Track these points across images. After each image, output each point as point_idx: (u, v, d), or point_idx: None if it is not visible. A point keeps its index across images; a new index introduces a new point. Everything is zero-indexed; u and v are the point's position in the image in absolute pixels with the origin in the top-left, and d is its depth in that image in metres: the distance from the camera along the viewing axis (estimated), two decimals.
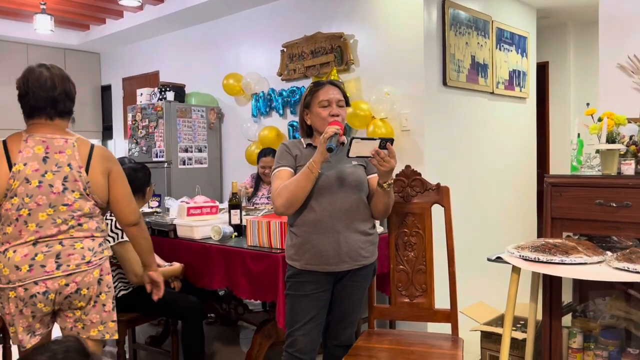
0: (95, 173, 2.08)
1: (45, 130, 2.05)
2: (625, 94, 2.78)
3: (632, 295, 2.34)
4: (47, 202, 2.00)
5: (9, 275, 1.96)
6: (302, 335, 2.18)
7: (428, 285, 2.43)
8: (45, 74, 2.05)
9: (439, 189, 2.45)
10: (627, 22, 2.79)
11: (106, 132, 7.01)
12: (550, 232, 2.37)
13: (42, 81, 2.03)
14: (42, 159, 2.01)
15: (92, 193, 2.08)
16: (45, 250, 1.99)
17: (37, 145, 2.02)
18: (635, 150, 2.42)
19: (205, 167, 5.22)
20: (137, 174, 3.07)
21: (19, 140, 2.03)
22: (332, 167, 2.20)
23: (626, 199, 2.18)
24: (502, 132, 4.43)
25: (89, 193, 2.07)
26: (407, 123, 3.76)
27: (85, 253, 2.05)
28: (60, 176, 2.02)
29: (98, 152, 2.12)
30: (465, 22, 3.97)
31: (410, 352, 2.23)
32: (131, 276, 2.85)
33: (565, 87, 5.65)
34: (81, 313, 2.08)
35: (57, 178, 2.02)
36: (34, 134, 2.04)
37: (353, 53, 4.10)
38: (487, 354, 2.97)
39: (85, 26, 6.20)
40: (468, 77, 4.00)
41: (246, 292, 2.76)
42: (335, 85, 2.29)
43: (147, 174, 3.12)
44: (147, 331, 3.91)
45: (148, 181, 3.11)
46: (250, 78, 4.71)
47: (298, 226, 2.20)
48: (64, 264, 2.00)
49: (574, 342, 2.45)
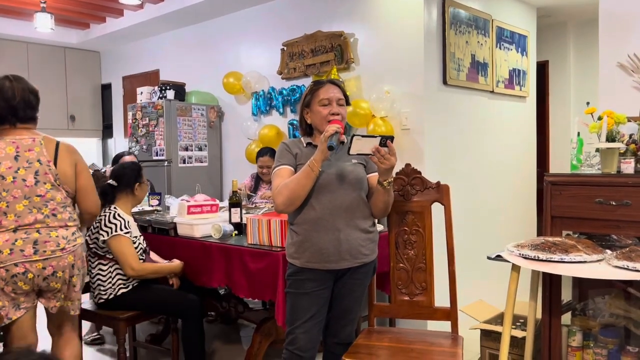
0: (63, 165, 2.35)
1: (13, 133, 2.32)
2: (625, 93, 2.78)
3: (631, 294, 2.35)
4: (22, 194, 2.27)
5: None
6: (302, 333, 2.19)
7: (428, 283, 2.44)
8: (7, 85, 2.31)
9: (439, 188, 2.46)
10: (627, 21, 2.79)
11: (106, 131, 7.01)
12: (550, 231, 2.37)
13: (4, 92, 2.30)
14: (13, 157, 2.28)
15: (62, 183, 2.36)
16: (24, 237, 2.25)
17: (8, 146, 2.29)
18: (635, 149, 2.42)
19: (205, 166, 5.22)
20: (124, 170, 3.07)
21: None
22: (332, 165, 2.20)
23: (626, 197, 2.18)
24: (502, 131, 4.43)
25: (59, 184, 2.35)
26: (407, 122, 3.76)
27: (60, 241, 2.32)
28: (31, 171, 2.29)
29: (63, 147, 2.40)
30: (466, 21, 3.97)
31: (410, 350, 2.23)
32: (127, 269, 2.86)
33: (565, 86, 5.65)
34: (60, 293, 2.36)
35: (29, 173, 2.29)
36: (4, 137, 2.31)
37: (353, 52, 4.10)
38: (486, 352, 2.97)
39: (85, 25, 6.20)
40: (468, 75, 4.00)
41: (245, 291, 2.77)
42: (336, 84, 2.30)
43: (134, 170, 3.08)
44: (148, 329, 3.91)
45: (136, 177, 3.05)
46: (250, 77, 4.71)
47: (298, 224, 2.21)
48: (40, 250, 2.26)
49: (574, 340, 2.45)
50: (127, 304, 2.92)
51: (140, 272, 2.90)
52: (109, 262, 2.92)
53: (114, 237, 2.86)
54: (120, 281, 2.93)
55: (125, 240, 2.88)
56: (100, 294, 2.93)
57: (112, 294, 2.91)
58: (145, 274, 2.92)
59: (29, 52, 6.31)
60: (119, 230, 2.87)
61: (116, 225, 2.87)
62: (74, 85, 6.76)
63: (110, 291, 2.91)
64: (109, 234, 2.86)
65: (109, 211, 2.94)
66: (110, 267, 2.92)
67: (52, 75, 6.54)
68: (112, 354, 3.61)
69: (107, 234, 2.86)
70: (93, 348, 3.74)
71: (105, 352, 3.67)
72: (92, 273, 2.96)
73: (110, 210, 2.95)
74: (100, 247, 2.92)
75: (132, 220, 3.03)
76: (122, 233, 2.87)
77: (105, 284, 2.92)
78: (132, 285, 2.95)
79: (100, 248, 2.92)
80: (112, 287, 2.92)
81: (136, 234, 3.01)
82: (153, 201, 3.99)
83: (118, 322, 2.88)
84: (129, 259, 2.86)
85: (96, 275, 2.94)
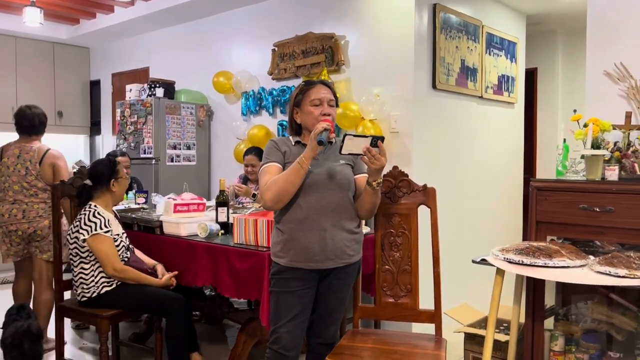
0: (44, 166, 3.58)
1: (25, 142, 3.63)
2: (611, 101, 2.80)
3: (613, 300, 2.37)
4: (17, 180, 3.57)
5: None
6: (286, 332, 2.18)
7: (413, 285, 2.45)
8: (27, 112, 3.64)
9: (425, 190, 2.47)
10: (615, 30, 2.82)
11: (94, 128, 6.94)
12: (535, 236, 2.39)
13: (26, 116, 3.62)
14: (16, 156, 3.59)
15: (42, 178, 3.58)
16: (17, 207, 3.57)
17: (15, 149, 3.62)
18: (619, 157, 2.45)
19: (193, 165, 5.20)
20: (97, 167, 3.03)
21: (8, 146, 3.66)
22: (321, 164, 2.20)
23: (609, 204, 2.20)
24: (490, 136, 4.47)
25: (40, 178, 3.57)
26: (396, 125, 3.78)
27: (39, 211, 3.57)
28: (24, 166, 3.57)
29: (49, 153, 3.61)
30: (456, 26, 4.00)
31: (394, 352, 2.23)
32: (108, 269, 2.83)
33: (553, 93, 5.71)
34: (38, 244, 3.58)
35: (23, 167, 3.57)
36: (17, 143, 3.65)
37: (344, 54, 4.11)
38: (470, 356, 2.99)
39: (75, 20, 6.15)
40: (457, 80, 4.03)
41: (231, 290, 2.76)
42: (327, 85, 2.30)
43: (108, 166, 3.01)
44: (131, 328, 3.88)
45: (110, 174, 2.98)
46: (240, 76, 4.70)
47: (284, 223, 2.21)
48: (26, 216, 3.55)
49: (556, 345, 2.47)
50: (110, 302, 2.89)
51: (121, 273, 2.86)
52: (90, 262, 2.88)
53: (93, 236, 2.82)
54: (103, 280, 2.90)
55: (106, 239, 2.85)
56: (83, 292, 2.90)
57: (96, 292, 2.88)
58: (126, 277, 2.88)
59: (17, 47, 6.25)
60: (99, 229, 2.83)
61: (96, 224, 2.84)
62: (63, 80, 6.70)
63: (93, 289, 2.88)
64: (89, 232, 2.83)
65: (88, 209, 2.90)
66: (92, 266, 2.88)
67: (40, 71, 6.48)
68: (95, 352, 3.58)
69: (87, 232, 2.83)
70: (75, 346, 3.71)
71: (87, 351, 3.64)
72: (75, 272, 2.92)
73: (90, 209, 2.90)
74: (81, 247, 2.87)
75: (112, 217, 2.99)
76: (102, 232, 2.84)
77: (87, 282, 2.89)
78: (115, 284, 2.91)
79: (81, 247, 2.87)
80: (95, 285, 2.88)
81: (118, 231, 2.98)
82: (140, 199, 3.96)
83: (101, 320, 2.84)
84: (111, 258, 2.83)
85: (78, 274, 2.91)
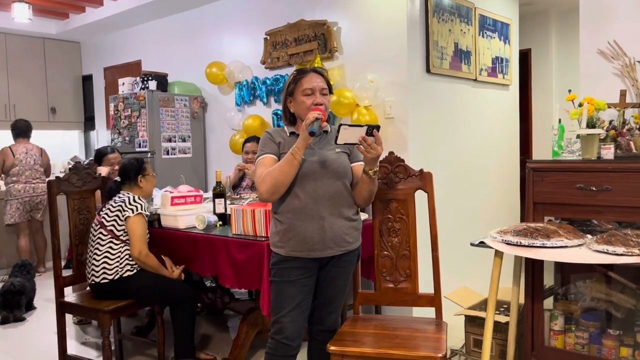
0: (44, 158, 5.54)
1: (23, 142, 5.44)
2: (606, 80, 2.80)
3: (612, 278, 2.38)
4: (28, 168, 5.39)
5: (16, 193, 5.37)
6: (288, 321, 2.19)
7: (412, 270, 2.45)
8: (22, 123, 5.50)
9: (422, 175, 2.47)
10: (607, 8, 2.81)
11: (88, 123, 6.92)
12: (533, 217, 2.40)
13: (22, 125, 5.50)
14: (25, 152, 5.40)
15: (42, 166, 5.50)
16: (29, 186, 5.39)
17: (23, 148, 5.40)
18: (614, 135, 2.45)
19: (189, 157, 5.19)
20: (125, 165, 3.20)
21: (15, 146, 5.39)
22: (315, 153, 2.20)
23: (606, 183, 2.21)
24: (485, 118, 4.46)
25: (41, 165, 5.49)
26: (391, 110, 3.77)
27: (44, 188, 5.10)
28: (32, 159, 5.42)
29: (44, 151, 5.59)
30: (448, 9, 3.97)
31: (395, 337, 2.25)
32: (135, 250, 2.94)
33: (547, 74, 5.70)
34: (41, 211, 5.49)
35: (31, 159, 5.41)
36: (20, 144, 5.44)
37: (337, 40, 4.09)
38: (470, 338, 3.01)
39: (64, 15, 6.10)
40: (451, 64, 4.01)
41: (231, 281, 2.77)
42: (319, 73, 2.27)
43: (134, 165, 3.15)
44: (133, 321, 3.90)
45: (137, 170, 3.13)
46: (233, 66, 4.67)
47: (282, 213, 2.21)
48: (35, 190, 5.42)
49: (556, 324, 2.49)
50: (129, 288, 2.95)
51: (145, 258, 2.96)
52: (120, 242, 2.97)
53: (138, 214, 2.96)
54: (127, 263, 2.97)
55: (144, 222, 3.01)
56: (105, 273, 2.94)
57: (118, 275, 2.94)
58: (147, 263, 2.97)
59: (7, 43, 6.20)
60: (142, 210, 2.99)
61: (141, 206, 3.00)
62: (54, 76, 6.66)
63: (117, 270, 2.94)
64: (134, 211, 2.95)
65: (127, 195, 3.02)
66: (121, 247, 2.97)
67: (31, 67, 6.43)
68: (98, 346, 3.59)
69: (133, 211, 2.95)
70: (77, 342, 3.72)
71: (90, 346, 3.65)
72: (100, 251, 2.96)
73: (128, 194, 3.03)
74: (119, 225, 2.96)
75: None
76: (144, 214, 3.00)
77: (112, 263, 2.95)
78: (136, 269, 2.99)
79: (119, 226, 2.96)
80: (120, 267, 2.95)
81: None
82: None
83: (102, 315, 2.85)
84: (142, 240, 2.96)
85: (104, 253, 2.96)
